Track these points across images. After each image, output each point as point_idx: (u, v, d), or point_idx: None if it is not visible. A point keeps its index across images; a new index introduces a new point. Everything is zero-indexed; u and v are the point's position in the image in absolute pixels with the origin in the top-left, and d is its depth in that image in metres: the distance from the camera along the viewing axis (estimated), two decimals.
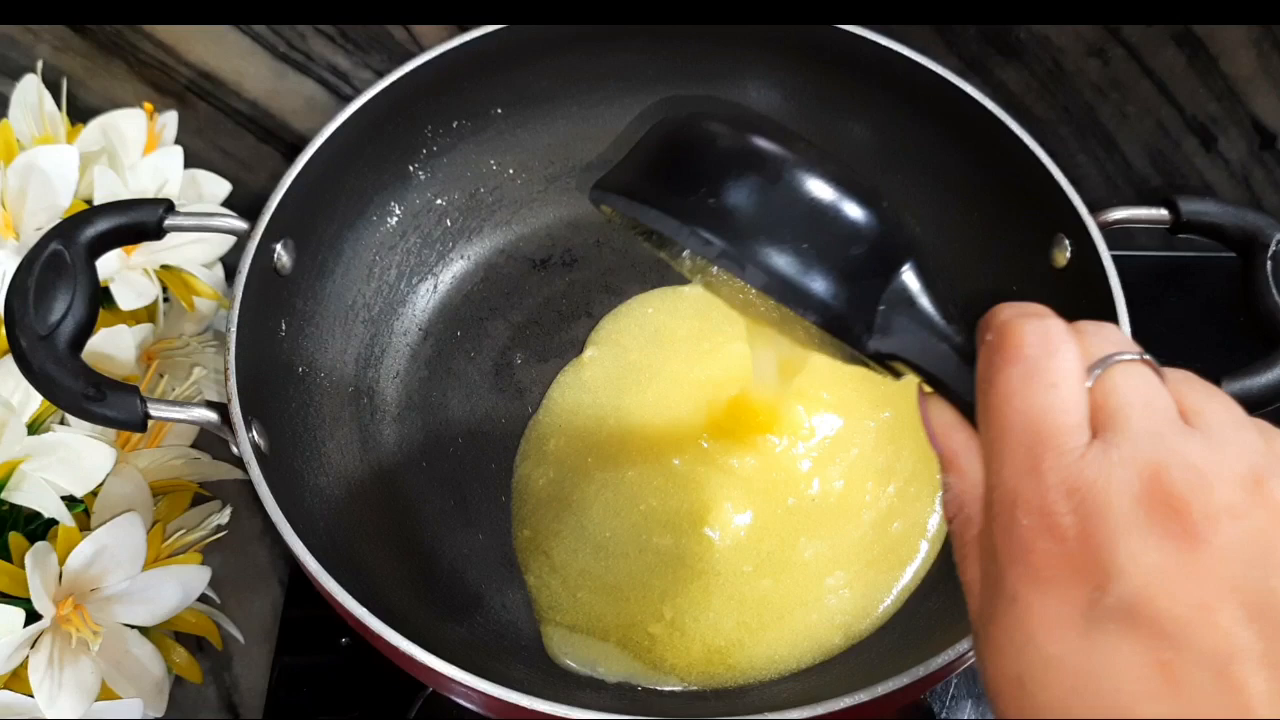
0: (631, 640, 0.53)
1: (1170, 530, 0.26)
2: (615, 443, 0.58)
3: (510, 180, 0.65)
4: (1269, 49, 0.65)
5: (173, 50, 0.64)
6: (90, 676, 0.49)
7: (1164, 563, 0.25)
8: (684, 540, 0.55)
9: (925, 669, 0.43)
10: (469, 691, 0.43)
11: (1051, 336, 0.29)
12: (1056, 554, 0.26)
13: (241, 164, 0.69)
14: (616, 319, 0.63)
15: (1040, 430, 0.28)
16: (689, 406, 0.59)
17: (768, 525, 0.55)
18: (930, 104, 0.58)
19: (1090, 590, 0.26)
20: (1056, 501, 0.27)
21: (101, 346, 0.54)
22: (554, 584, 0.55)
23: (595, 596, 0.54)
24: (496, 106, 0.63)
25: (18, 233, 0.56)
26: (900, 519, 0.56)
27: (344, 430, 0.58)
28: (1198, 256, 0.71)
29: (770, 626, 0.53)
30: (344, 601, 0.44)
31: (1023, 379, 0.29)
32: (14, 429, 0.50)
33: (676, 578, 0.54)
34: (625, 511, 0.56)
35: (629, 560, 0.55)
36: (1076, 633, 0.25)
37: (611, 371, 0.61)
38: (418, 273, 0.63)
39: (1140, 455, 0.27)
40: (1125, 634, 0.25)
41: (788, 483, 0.56)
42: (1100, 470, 0.27)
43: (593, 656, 0.53)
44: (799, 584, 0.54)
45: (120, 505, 0.51)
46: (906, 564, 0.55)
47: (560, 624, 0.54)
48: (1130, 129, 0.70)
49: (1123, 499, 0.26)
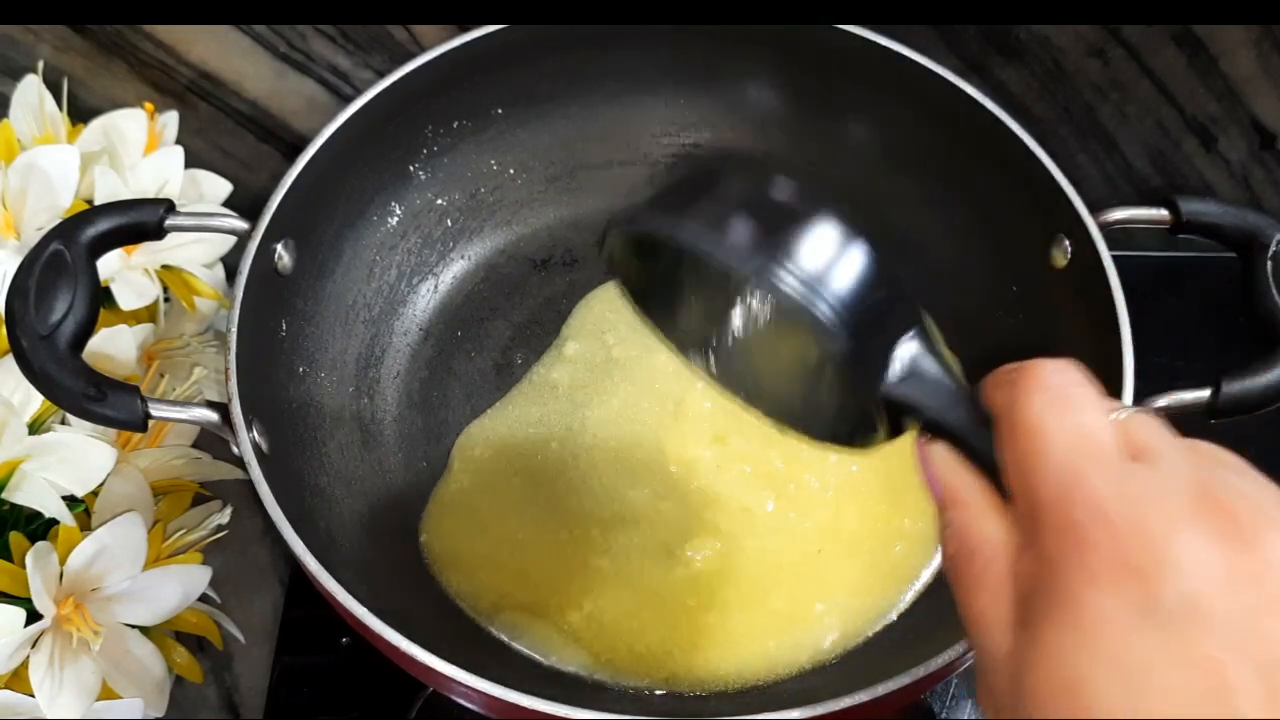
0: (565, 626, 0.53)
1: (1224, 533, 0.26)
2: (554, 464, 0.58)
3: (511, 180, 0.65)
4: (1269, 49, 0.65)
5: (173, 50, 0.64)
6: (91, 676, 0.49)
7: (1219, 562, 0.25)
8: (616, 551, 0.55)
9: (925, 669, 0.43)
10: (469, 691, 0.43)
11: (1072, 374, 0.30)
12: (1113, 549, 0.26)
13: (242, 164, 0.69)
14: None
15: (1081, 441, 0.28)
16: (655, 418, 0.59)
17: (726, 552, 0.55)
18: (930, 104, 0.58)
19: (1149, 586, 0.25)
20: (1109, 498, 0.27)
21: (102, 346, 0.54)
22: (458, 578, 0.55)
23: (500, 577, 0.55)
24: (497, 106, 0.63)
25: (18, 233, 0.56)
26: (897, 541, 0.56)
27: (344, 430, 0.58)
28: (1198, 256, 0.71)
29: (711, 645, 0.53)
30: (344, 601, 0.44)
31: (1052, 404, 0.29)
32: (15, 429, 0.50)
33: (599, 578, 0.55)
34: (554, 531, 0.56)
35: (550, 558, 0.55)
36: (1135, 631, 0.25)
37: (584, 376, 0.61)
38: (418, 273, 0.63)
39: (1185, 474, 0.27)
40: (1183, 631, 0.25)
41: (752, 515, 0.56)
42: (1150, 478, 0.27)
43: (541, 643, 0.53)
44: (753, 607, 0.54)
45: (121, 505, 0.51)
46: (893, 589, 0.55)
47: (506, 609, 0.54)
48: (1130, 129, 0.70)
49: (1176, 500, 0.26)
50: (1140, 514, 0.26)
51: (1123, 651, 0.25)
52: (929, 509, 0.33)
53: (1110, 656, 0.25)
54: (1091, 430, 0.28)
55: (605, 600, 0.54)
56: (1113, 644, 0.25)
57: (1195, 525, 0.26)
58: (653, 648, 0.53)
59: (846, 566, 0.55)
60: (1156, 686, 0.25)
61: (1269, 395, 0.47)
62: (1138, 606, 0.25)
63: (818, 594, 0.54)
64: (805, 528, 0.56)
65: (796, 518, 0.56)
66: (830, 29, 0.58)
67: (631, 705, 0.51)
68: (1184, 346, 0.59)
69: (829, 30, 0.58)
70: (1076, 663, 0.26)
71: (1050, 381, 0.30)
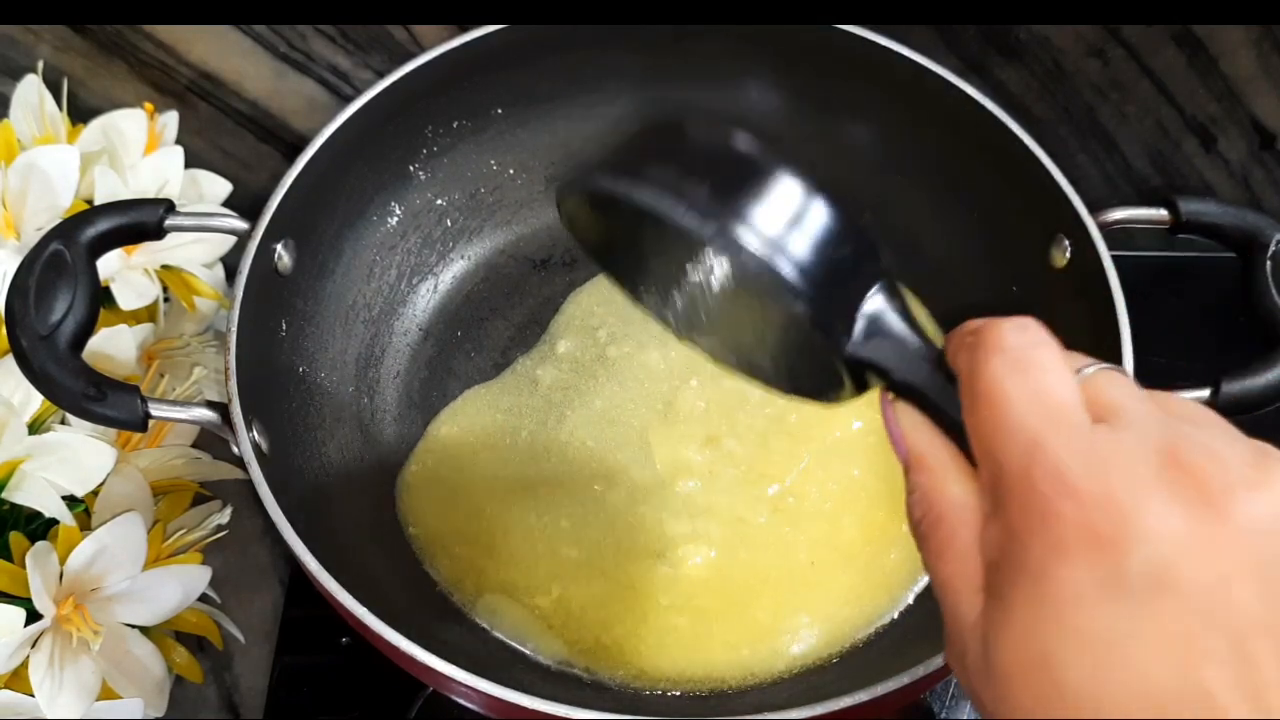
0: (536, 610, 0.54)
1: (1191, 499, 0.25)
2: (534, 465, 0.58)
3: (511, 180, 0.65)
4: (1269, 49, 0.65)
5: (173, 50, 0.64)
6: (91, 676, 0.49)
7: (1188, 530, 0.25)
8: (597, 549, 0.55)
9: (925, 669, 0.43)
10: (469, 691, 0.43)
11: (1032, 331, 0.29)
12: (1078, 520, 0.25)
13: (242, 164, 0.69)
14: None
15: (1043, 407, 0.27)
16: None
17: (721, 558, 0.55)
18: (930, 104, 0.58)
19: (1116, 556, 0.25)
20: (1073, 467, 0.26)
21: (102, 346, 0.54)
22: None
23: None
24: (497, 106, 0.63)
25: (18, 233, 0.56)
26: (892, 548, 0.56)
27: (344, 430, 0.58)
28: (1198, 256, 0.71)
29: (679, 645, 0.53)
30: (344, 601, 0.44)
31: (1012, 367, 0.28)
32: (15, 429, 0.50)
33: (568, 566, 0.55)
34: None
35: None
36: (1103, 604, 0.25)
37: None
38: (418, 273, 0.63)
39: (1152, 435, 0.26)
40: (1151, 601, 0.24)
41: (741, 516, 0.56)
42: (1115, 443, 0.26)
43: (520, 629, 0.53)
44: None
45: (121, 505, 0.51)
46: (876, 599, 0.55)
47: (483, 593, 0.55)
48: (1130, 129, 0.70)
49: (1143, 466, 0.26)
50: (1105, 481, 0.26)
51: (1091, 625, 0.25)
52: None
53: (1079, 630, 0.25)
54: (1053, 393, 0.27)
55: (574, 588, 0.54)
56: (1081, 617, 0.25)
57: (1162, 491, 0.25)
58: (619, 640, 0.53)
59: (838, 578, 0.55)
60: (1126, 660, 0.24)
61: (1269, 395, 0.47)
62: (1105, 578, 0.25)
63: (803, 606, 0.54)
64: (798, 540, 0.56)
65: (791, 531, 0.56)
66: (830, 29, 0.58)
67: (631, 705, 0.51)
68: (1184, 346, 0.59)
69: (829, 30, 0.58)
70: (1045, 635, 0.25)
71: (1009, 342, 0.28)
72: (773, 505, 0.57)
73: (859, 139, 0.62)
